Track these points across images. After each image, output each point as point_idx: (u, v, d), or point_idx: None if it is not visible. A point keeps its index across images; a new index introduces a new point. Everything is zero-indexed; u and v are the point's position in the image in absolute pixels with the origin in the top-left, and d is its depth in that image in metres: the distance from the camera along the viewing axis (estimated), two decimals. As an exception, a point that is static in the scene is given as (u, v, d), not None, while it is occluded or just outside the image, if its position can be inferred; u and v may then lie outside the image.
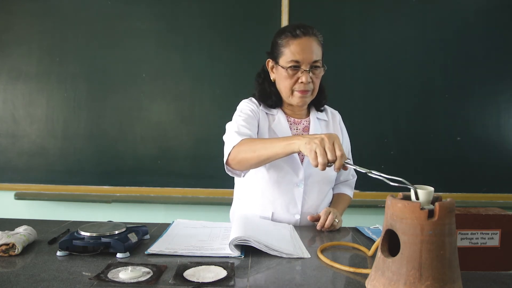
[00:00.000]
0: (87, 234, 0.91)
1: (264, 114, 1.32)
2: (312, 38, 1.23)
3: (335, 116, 1.44)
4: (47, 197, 2.31)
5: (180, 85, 2.30)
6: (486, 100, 2.25)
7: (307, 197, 1.28)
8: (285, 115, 1.34)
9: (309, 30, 1.23)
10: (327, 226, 1.17)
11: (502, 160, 2.25)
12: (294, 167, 1.27)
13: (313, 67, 1.23)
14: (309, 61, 1.21)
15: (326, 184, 1.33)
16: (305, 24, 1.25)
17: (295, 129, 1.34)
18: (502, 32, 2.24)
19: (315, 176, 1.28)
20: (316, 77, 1.25)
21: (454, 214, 0.67)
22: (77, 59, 2.30)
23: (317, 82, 1.26)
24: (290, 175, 1.26)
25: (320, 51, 1.24)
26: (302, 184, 1.27)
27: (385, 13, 2.26)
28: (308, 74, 1.22)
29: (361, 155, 2.25)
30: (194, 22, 2.28)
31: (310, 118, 1.35)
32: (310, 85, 1.25)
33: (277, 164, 1.25)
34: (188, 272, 0.80)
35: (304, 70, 1.22)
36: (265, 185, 1.28)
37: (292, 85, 1.25)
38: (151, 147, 2.30)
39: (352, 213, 2.39)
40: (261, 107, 1.33)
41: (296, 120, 1.34)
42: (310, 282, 0.78)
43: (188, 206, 2.35)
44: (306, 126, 1.35)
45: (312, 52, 1.21)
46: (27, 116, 2.32)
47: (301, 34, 1.21)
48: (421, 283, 0.63)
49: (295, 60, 1.21)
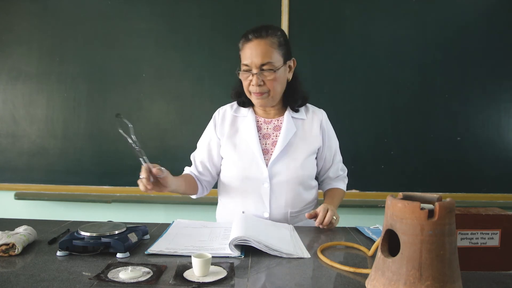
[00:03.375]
0: (87, 234, 0.91)
1: (232, 119, 1.39)
2: (265, 40, 1.23)
3: (317, 115, 1.40)
4: (47, 197, 2.31)
5: (180, 85, 2.30)
6: (486, 100, 2.25)
7: (274, 197, 1.30)
8: (256, 115, 1.38)
9: (262, 33, 1.24)
10: (326, 223, 1.17)
11: (502, 160, 2.25)
12: (259, 166, 1.30)
13: (263, 70, 1.23)
14: (257, 64, 1.23)
15: (296, 184, 1.31)
16: (263, 25, 1.26)
17: (266, 128, 1.36)
18: (502, 32, 2.24)
19: (281, 174, 1.29)
20: (268, 79, 1.25)
21: (454, 214, 0.67)
22: (77, 59, 2.30)
23: (273, 84, 1.26)
24: (256, 174, 1.30)
25: (273, 52, 1.23)
26: (268, 182, 1.29)
27: (385, 13, 2.25)
28: (258, 77, 1.24)
29: (361, 155, 2.28)
30: (194, 22, 2.28)
31: (284, 117, 1.36)
32: (264, 88, 1.26)
33: (243, 163, 1.31)
34: (188, 272, 0.80)
35: (254, 73, 1.24)
36: (235, 184, 1.34)
37: (248, 87, 1.29)
38: (151, 147, 2.30)
39: (352, 213, 2.41)
40: (232, 111, 1.40)
41: (266, 119, 1.37)
42: (310, 282, 0.78)
43: (188, 206, 2.35)
44: (278, 125, 1.36)
45: (260, 55, 1.22)
46: (27, 116, 2.32)
47: (252, 37, 1.24)
48: (421, 283, 0.63)
49: (245, 63, 1.25)
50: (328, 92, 2.25)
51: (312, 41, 2.26)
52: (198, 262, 0.77)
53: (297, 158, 1.31)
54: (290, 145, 1.31)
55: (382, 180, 2.26)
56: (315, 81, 2.24)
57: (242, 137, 1.35)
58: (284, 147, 1.30)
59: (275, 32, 1.26)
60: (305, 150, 1.32)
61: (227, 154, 1.35)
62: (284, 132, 1.32)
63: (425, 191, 0.89)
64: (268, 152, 1.32)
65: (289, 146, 1.31)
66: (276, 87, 1.27)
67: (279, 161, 1.30)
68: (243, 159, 1.32)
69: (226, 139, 1.36)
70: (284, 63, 1.27)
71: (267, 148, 1.33)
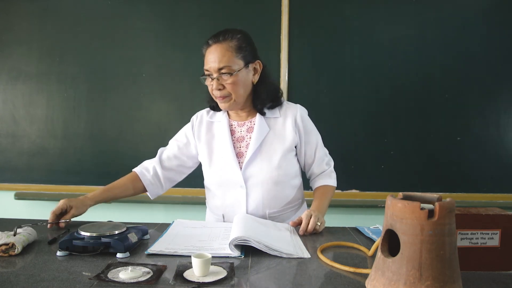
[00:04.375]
0: (87, 234, 0.91)
1: (207, 123, 1.41)
2: (222, 44, 1.24)
3: (291, 111, 1.36)
4: (47, 197, 2.30)
5: (180, 85, 2.30)
6: (486, 100, 2.25)
7: (250, 199, 1.30)
8: (229, 118, 1.39)
9: (220, 37, 1.25)
10: (309, 230, 1.13)
11: (502, 160, 2.25)
12: (233, 170, 1.30)
13: (221, 74, 1.24)
14: (214, 69, 1.24)
15: (272, 184, 1.29)
16: (223, 30, 1.27)
17: (239, 131, 1.36)
18: (502, 32, 2.24)
19: (256, 176, 1.29)
20: (226, 82, 1.25)
21: (454, 214, 0.67)
22: (77, 59, 2.30)
23: (232, 87, 1.25)
24: (232, 177, 1.30)
25: (231, 56, 1.23)
26: (244, 185, 1.29)
27: (385, 13, 2.25)
28: (217, 81, 1.25)
29: (361, 155, 2.28)
30: (194, 22, 2.28)
31: (256, 118, 1.35)
32: (224, 91, 1.26)
33: (220, 168, 1.33)
34: (188, 272, 0.80)
35: (212, 78, 1.25)
36: (214, 188, 1.37)
37: (211, 91, 1.30)
38: (151, 147, 2.28)
39: (352, 213, 2.41)
40: (208, 117, 1.42)
41: (239, 122, 1.37)
42: (310, 282, 0.78)
43: (188, 206, 2.35)
44: (251, 127, 1.35)
45: (216, 60, 1.23)
46: (27, 116, 2.32)
47: (211, 42, 1.26)
48: (421, 283, 0.63)
49: (206, 68, 1.27)
50: (328, 92, 2.25)
51: (312, 41, 2.26)
52: (198, 262, 0.77)
53: (272, 158, 1.30)
54: (264, 145, 1.31)
55: (382, 180, 2.26)
56: (315, 81, 2.24)
57: (218, 142, 1.36)
58: (258, 148, 1.30)
59: (234, 35, 1.25)
60: (280, 149, 1.31)
61: (204, 160, 1.37)
62: (256, 133, 1.31)
63: (425, 191, 0.89)
64: (243, 155, 1.32)
65: (262, 146, 1.31)
66: (237, 90, 1.26)
67: (252, 163, 1.30)
68: (218, 164, 1.33)
69: (203, 145, 1.37)
70: (245, 66, 1.26)
71: (241, 151, 1.33)
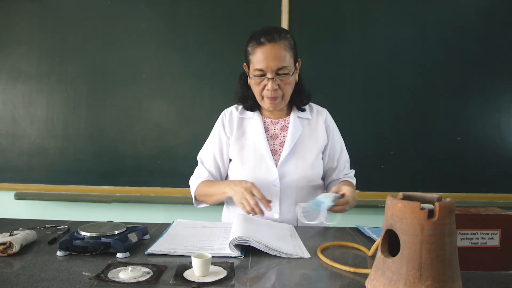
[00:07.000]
0: (87, 234, 0.91)
1: (238, 120, 1.38)
2: (278, 44, 1.21)
3: (321, 114, 1.41)
4: (47, 197, 2.30)
5: (180, 85, 2.30)
6: (486, 100, 2.25)
7: (284, 196, 1.29)
8: (262, 116, 1.37)
9: (275, 36, 1.21)
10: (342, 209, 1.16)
11: (502, 160, 2.25)
12: (268, 167, 1.29)
13: (279, 74, 1.22)
14: (273, 69, 1.21)
15: (305, 183, 1.31)
16: (272, 28, 1.24)
17: (273, 129, 1.36)
18: (502, 32, 2.24)
19: (291, 174, 1.29)
20: (284, 83, 1.24)
21: (454, 214, 0.66)
22: (77, 59, 2.30)
23: (287, 88, 1.26)
24: (266, 175, 1.29)
25: (288, 55, 1.23)
26: (278, 183, 1.28)
27: (385, 13, 2.25)
28: (274, 81, 1.22)
29: (361, 155, 2.27)
30: (194, 22, 2.28)
31: (290, 118, 1.36)
32: (278, 92, 1.25)
33: (253, 165, 1.30)
34: (188, 272, 0.80)
35: (269, 78, 1.22)
36: None
37: (261, 91, 1.27)
38: (151, 147, 2.30)
39: (352, 213, 2.39)
40: (238, 113, 1.38)
41: (273, 120, 1.37)
42: (310, 282, 0.78)
43: (188, 206, 2.35)
44: (285, 125, 1.36)
45: (276, 60, 1.20)
46: (27, 116, 2.32)
47: (265, 41, 1.21)
48: (421, 283, 0.63)
49: (259, 68, 1.22)
50: (328, 92, 2.25)
51: (312, 41, 2.26)
52: (198, 262, 0.77)
53: (306, 157, 1.31)
54: (298, 145, 1.32)
55: (382, 180, 2.26)
56: (315, 81, 2.24)
57: (250, 139, 1.34)
58: (293, 147, 1.30)
59: (286, 35, 1.25)
60: (313, 149, 1.33)
61: (235, 156, 1.34)
62: (292, 132, 1.32)
63: (425, 191, 0.88)
64: (277, 152, 1.32)
65: (297, 145, 1.31)
66: (289, 90, 1.28)
67: (288, 161, 1.30)
68: (252, 160, 1.31)
69: (234, 141, 1.35)
70: (295, 65, 1.27)
71: (275, 148, 1.33)
